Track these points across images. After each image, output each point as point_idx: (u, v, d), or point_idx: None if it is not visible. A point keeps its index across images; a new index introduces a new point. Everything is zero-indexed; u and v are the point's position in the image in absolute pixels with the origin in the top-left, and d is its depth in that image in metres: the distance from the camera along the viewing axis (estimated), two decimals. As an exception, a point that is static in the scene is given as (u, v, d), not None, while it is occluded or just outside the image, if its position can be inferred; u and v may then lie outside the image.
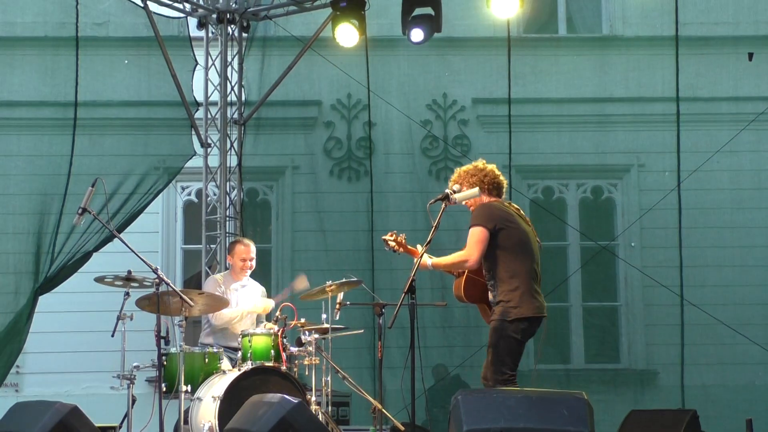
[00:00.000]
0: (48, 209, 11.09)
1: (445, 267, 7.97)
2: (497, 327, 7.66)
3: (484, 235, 7.65)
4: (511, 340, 7.62)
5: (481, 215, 7.74)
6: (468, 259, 7.70)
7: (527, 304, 7.64)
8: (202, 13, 12.36)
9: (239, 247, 9.92)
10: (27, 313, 10.87)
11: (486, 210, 7.79)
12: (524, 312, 7.62)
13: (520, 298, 7.62)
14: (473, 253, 7.66)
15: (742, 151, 12.92)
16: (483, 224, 7.67)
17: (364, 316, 9.01)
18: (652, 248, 13.13)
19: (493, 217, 7.73)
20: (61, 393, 12.10)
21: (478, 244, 7.65)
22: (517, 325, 7.62)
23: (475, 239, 7.67)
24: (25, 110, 11.82)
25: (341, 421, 10.50)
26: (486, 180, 7.94)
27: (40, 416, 7.67)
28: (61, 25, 11.47)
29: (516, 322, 7.61)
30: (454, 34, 12.74)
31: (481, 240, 7.64)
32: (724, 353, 12.52)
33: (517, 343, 7.66)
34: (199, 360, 8.80)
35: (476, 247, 7.65)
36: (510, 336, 7.61)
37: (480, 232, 7.66)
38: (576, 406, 6.55)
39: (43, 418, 7.63)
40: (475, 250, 7.65)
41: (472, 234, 7.69)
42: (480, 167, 8.00)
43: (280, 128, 13.30)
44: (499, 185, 8.00)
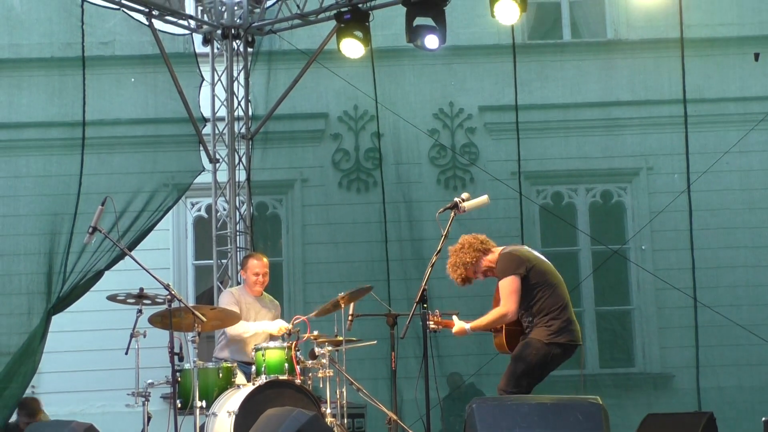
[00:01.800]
0: (59, 229, 11.10)
1: (486, 327, 7.99)
2: (529, 343, 7.67)
3: (516, 284, 7.69)
4: (538, 360, 7.64)
5: (508, 264, 7.78)
6: (507, 313, 7.72)
7: (566, 331, 7.71)
8: (207, 30, 12.40)
9: (252, 261, 9.92)
10: (40, 333, 10.88)
11: (510, 257, 7.83)
12: (562, 339, 7.67)
13: (561, 325, 7.69)
14: (510, 305, 7.69)
15: (751, 151, 12.90)
16: (513, 272, 7.71)
17: (379, 327, 8.98)
18: (663, 251, 13.11)
19: (520, 261, 7.78)
20: (77, 412, 12.11)
21: (512, 295, 7.68)
22: (550, 349, 7.65)
23: (509, 290, 7.70)
24: (34, 131, 11.85)
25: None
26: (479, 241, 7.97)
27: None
28: (67, 45, 11.51)
29: (551, 346, 7.65)
30: (458, 42, 12.74)
31: (515, 290, 7.69)
32: (739, 354, 12.48)
33: (543, 366, 7.69)
34: (214, 375, 8.79)
35: (511, 298, 7.69)
36: (539, 356, 7.62)
37: (512, 281, 7.70)
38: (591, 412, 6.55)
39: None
40: (511, 301, 7.69)
41: (505, 285, 7.72)
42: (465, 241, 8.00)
43: (288, 141, 13.32)
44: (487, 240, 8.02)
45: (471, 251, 7.91)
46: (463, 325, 7.87)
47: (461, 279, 8.00)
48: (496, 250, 7.99)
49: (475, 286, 8.21)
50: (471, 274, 7.98)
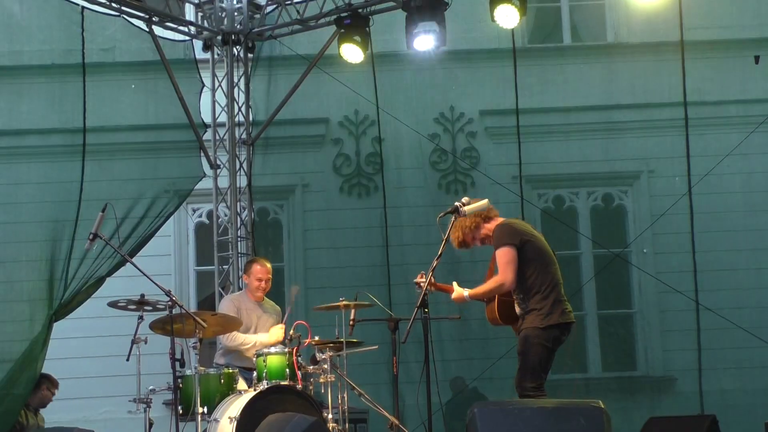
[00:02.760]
0: (60, 236, 11.08)
1: (483, 295, 7.99)
2: (529, 335, 7.70)
3: (513, 254, 7.70)
4: (542, 347, 7.67)
5: (504, 234, 7.79)
6: (504, 282, 7.73)
7: (558, 311, 7.72)
8: (207, 36, 12.41)
9: (255, 266, 9.93)
10: (42, 340, 10.86)
11: (506, 229, 7.84)
12: (556, 319, 7.70)
13: (552, 306, 7.71)
14: (508, 274, 7.70)
15: (752, 153, 12.90)
16: (509, 243, 7.72)
17: (381, 332, 8.99)
18: (664, 254, 13.11)
19: (516, 232, 7.79)
20: (79, 419, 12.11)
21: (509, 264, 7.69)
22: (549, 333, 7.68)
23: (506, 260, 7.71)
24: (35, 138, 11.84)
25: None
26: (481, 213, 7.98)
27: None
28: (68, 52, 11.50)
29: (549, 329, 7.68)
30: (459, 47, 12.75)
31: (511, 260, 7.69)
32: (742, 357, 12.47)
33: (548, 351, 7.72)
34: (215, 381, 8.78)
35: (509, 267, 7.69)
36: (541, 344, 7.67)
37: (508, 251, 7.70)
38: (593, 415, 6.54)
39: (61, 444, 7.64)
40: (508, 270, 7.69)
41: (501, 255, 7.73)
42: None
43: (289, 147, 13.34)
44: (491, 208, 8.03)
45: (472, 216, 7.91)
46: (462, 291, 7.87)
47: (458, 242, 8.00)
48: (497, 220, 8.00)
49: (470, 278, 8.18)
50: (469, 239, 7.99)
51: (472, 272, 8.15)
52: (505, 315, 8.01)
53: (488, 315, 8.17)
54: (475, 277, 8.37)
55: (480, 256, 8.05)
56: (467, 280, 8.16)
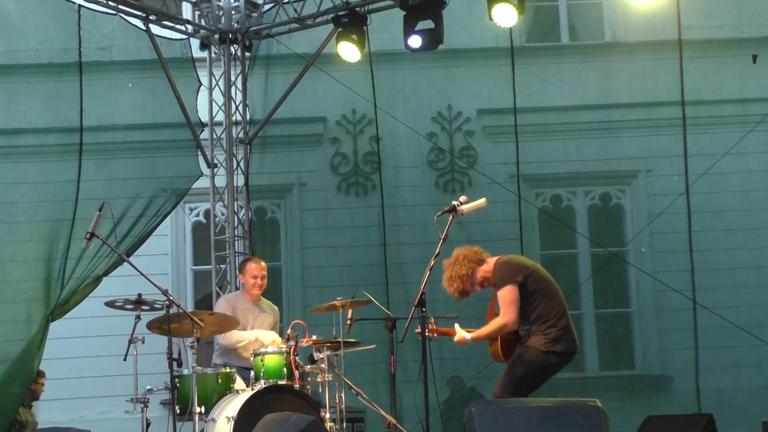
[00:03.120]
0: (57, 235, 11.07)
1: (486, 337, 7.97)
2: (526, 351, 7.67)
3: (515, 294, 7.67)
4: (535, 367, 7.64)
5: (505, 273, 7.77)
6: (507, 323, 7.71)
7: (564, 340, 7.70)
8: (205, 34, 12.40)
9: (250, 264, 9.91)
10: (39, 339, 10.84)
11: (507, 266, 7.82)
12: (559, 347, 7.66)
13: (558, 333, 7.68)
14: (510, 315, 7.67)
15: (750, 152, 12.90)
16: (511, 281, 7.70)
17: (379, 331, 8.98)
18: (662, 253, 13.10)
19: (517, 269, 7.78)
20: (76, 419, 12.11)
21: (512, 305, 7.67)
22: (547, 357, 7.65)
23: (508, 300, 7.68)
24: (31, 137, 11.81)
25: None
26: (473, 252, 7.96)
27: (55, 443, 7.66)
28: (65, 51, 11.48)
29: (548, 354, 7.64)
30: (456, 45, 12.74)
31: (514, 299, 7.67)
32: (739, 356, 12.47)
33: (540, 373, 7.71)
34: (212, 381, 8.77)
35: (511, 308, 7.67)
36: (536, 363, 7.62)
37: (510, 291, 7.68)
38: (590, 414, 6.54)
39: (58, 444, 7.62)
40: (511, 311, 7.67)
41: (503, 296, 7.70)
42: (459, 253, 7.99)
43: (286, 146, 13.32)
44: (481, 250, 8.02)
45: (466, 263, 7.89)
46: (465, 335, 7.87)
47: (458, 292, 7.97)
48: (491, 260, 7.97)
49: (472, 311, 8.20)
50: (468, 286, 7.96)
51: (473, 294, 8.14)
52: (508, 353, 7.97)
53: (491, 352, 8.14)
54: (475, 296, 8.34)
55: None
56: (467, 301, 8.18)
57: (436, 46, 11.15)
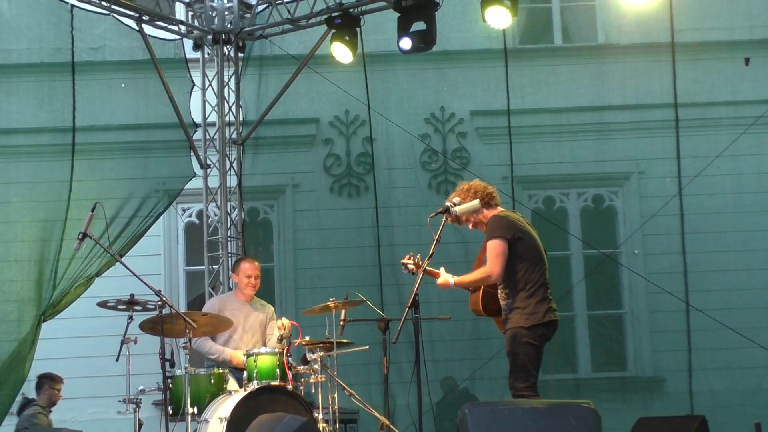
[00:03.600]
0: (49, 235, 11.06)
1: (468, 284, 7.97)
2: (515, 334, 7.70)
3: (503, 247, 7.67)
4: (529, 346, 7.67)
5: (498, 227, 7.76)
6: (491, 274, 7.72)
7: (542, 310, 7.71)
8: (198, 35, 12.38)
9: (243, 264, 9.90)
10: (31, 340, 10.84)
11: (502, 221, 7.81)
12: (540, 318, 7.69)
13: (536, 305, 7.69)
14: (495, 267, 7.68)
15: (742, 155, 12.91)
16: (501, 236, 7.70)
17: (373, 332, 8.97)
18: (654, 255, 13.12)
19: (510, 227, 7.77)
20: (67, 419, 12.07)
21: (498, 257, 7.67)
22: (534, 331, 7.67)
23: (496, 252, 7.68)
24: (24, 137, 11.80)
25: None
26: (485, 192, 7.96)
27: (47, 443, 7.64)
28: (57, 51, 11.47)
29: (534, 329, 7.67)
30: (450, 47, 12.75)
31: (501, 252, 7.67)
32: (731, 358, 12.49)
33: (536, 349, 7.72)
34: (205, 381, 8.75)
35: (497, 260, 7.67)
36: (528, 342, 7.66)
37: (499, 244, 7.68)
38: (584, 415, 6.53)
39: (50, 444, 7.61)
40: (496, 263, 7.67)
41: (492, 247, 7.71)
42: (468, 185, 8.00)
43: (279, 147, 13.32)
44: (494, 195, 8.03)
45: (473, 197, 7.89)
46: (448, 278, 7.86)
47: (451, 218, 7.97)
48: (497, 209, 7.96)
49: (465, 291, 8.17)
50: (463, 217, 7.97)
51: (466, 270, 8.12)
52: (488, 307, 7.99)
53: (471, 305, 8.15)
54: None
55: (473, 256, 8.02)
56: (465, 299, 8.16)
57: (430, 48, 11.16)
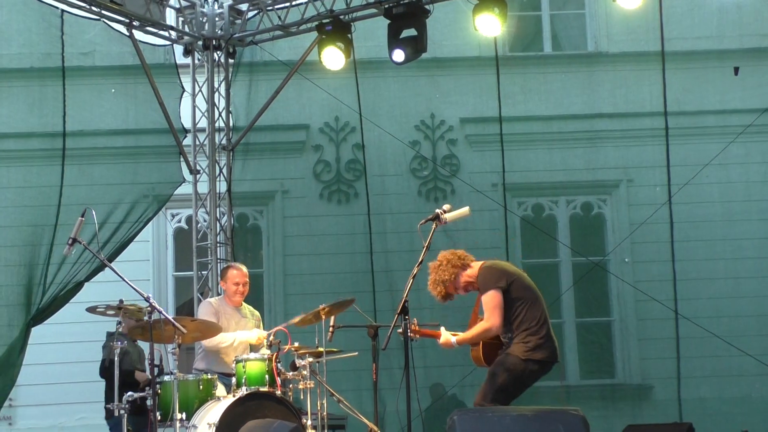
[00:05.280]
0: (39, 240, 11.05)
1: (471, 341, 7.98)
2: (506, 360, 7.69)
3: (499, 298, 7.71)
4: (516, 375, 7.66)
5: (489, 278, 7.80)
6: (491, 327, 7.74)
7: (544, 348, 7.73)
8: (188, 41, 12.38)
9: (232, 271, 9.88)
10: (20, 345, 10.82)
11: (491, 271, 7.85)
12: (538, 355, 7.69)
13: (538, 342, 7.70)
14: (495, 319, 7.70)
15: (731, 163, 12.94)
16: (494, 286, 7.73)
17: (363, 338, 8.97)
18: (643, 263, 13.13)
19: (502, 274, 7.81)
20: (56, 425, 12.08)
21: (496, 309, 7.70)
22: (527, 365, 7.67)
23: (492, 305, 7.71)
24: (13, 142, 11.80)
25: (338, 444, 10.48)
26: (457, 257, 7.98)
27: (35, 448, 7.62)
28: (47, 56, 11.47)
29: (528, 362, 7.67)
30: (440, 54, 12.78)
31: (498, 304, 7.70)
32: (720, 366, 12.50)
33: (520, 381, 7.73)
34: (194, 387, 8.74)
35: (495, 312, 7.70)
36: (516, 371, 7.65)
37: (494, 295, 7.71)
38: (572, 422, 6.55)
39: (38, 449, 7.58)
40: (495, 315, 7.71)
41: (488, 300, 7.73)
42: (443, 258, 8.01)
43: (269, 153, 13.31)
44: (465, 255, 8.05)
45: (449, 268, 7.92)
46: (449, 337, 7.89)
47: (441, 296, 8.01)
48: (475, 265, 7.99)
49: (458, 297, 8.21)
50: (451, 290, 8.00)
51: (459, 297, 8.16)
52: (490, 358, 8.00)
53: (473, 357, 8.17)
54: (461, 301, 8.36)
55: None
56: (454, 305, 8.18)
57: (420, 55, 11.19)
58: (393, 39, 11.12)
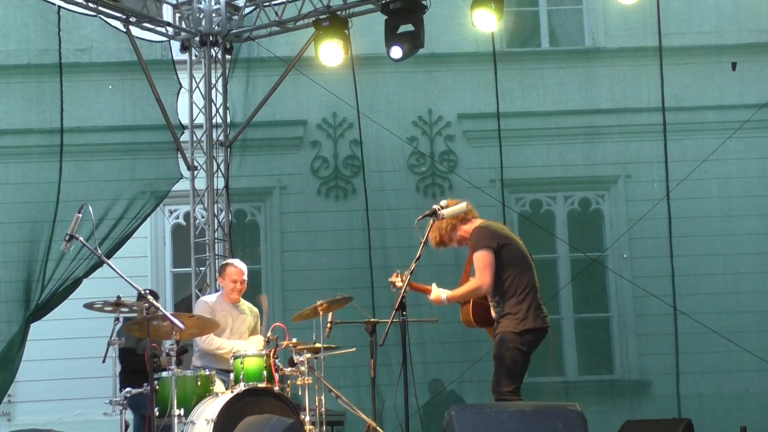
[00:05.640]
0: (37, 237, 11.05)
1: (460, 298, 7.98)
2: (503, 339, 7.71)
3: (490, 258, 7.70)
4: (517, 351, 7.68)
5: (482, 238, 7.79)
6: (481, 285, 7.74)
7: (534, 316, 7.72)
8: (185, 37, 12.36)
9: (230, 268, 9.86)
10: (19, 341, 10.82)
11: (484, 232, 7.84)
12: (531, 324, 7.70)
13: (527, 311, 7.70)
14: (485, 277, 7.70)
15: (729, 159, 12.96)
16: (486, 246, 7.72)
17: (362, 334, 8.98)
18: (641, 258, 13.14)
19: (494, 236, 7.80)
20: (54, 420, 12.06)
21: (487, 268, 7.70)
22: (524, 337, 7.68)
23: (483, 263, 7.71)
24: (11, 138, 11.79)
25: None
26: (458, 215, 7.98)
27: (33, 444, 7.62)
28: (44, 52, 11.46)
29: (523, 334, 7.68)
30: (437, 50, 12.78)
31: (489, 263, 7.70)
32: (718, 361, 12.52)
33: (523, 355, 7.73)
34: (192, 383, 8.73)
35: (486, 271, 7.70)
36: (516, 348, 7.67)
37: (485, 255, 7.71)
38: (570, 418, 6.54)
39: (36, 446, 7.58)
40: (486, 274, 7.70)
41: (479, 259, 7.73)
42: None
43: (267, 149, 13.31)
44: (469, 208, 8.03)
45: (448, 218, 7.92)
46: (440, 294, 7.88)
47: (435, 242, 8.01)
48: (475, 222, 7.99)
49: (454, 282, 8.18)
50: (446, 239, 8.01)
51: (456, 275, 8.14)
52: (479, 318, 8.03)
53: (463, 317, 8.17)
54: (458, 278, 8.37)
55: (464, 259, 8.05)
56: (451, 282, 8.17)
57: (417, 51, 11.18)
58: (390, 35, 11.11)
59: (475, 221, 8.01)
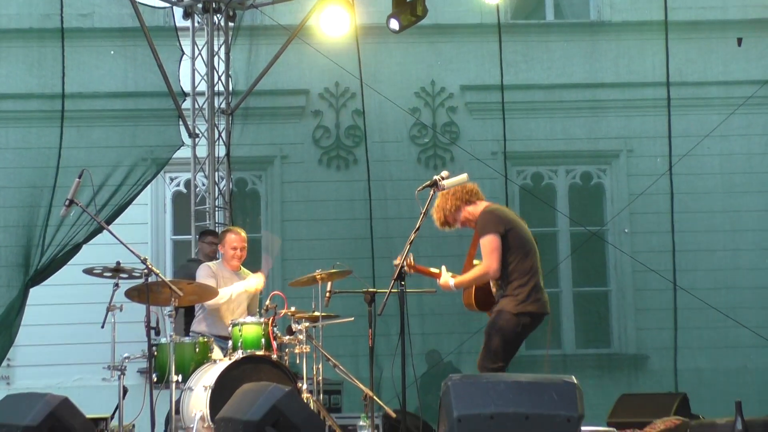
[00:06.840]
0: (37, 202, 11.05)
1: (468, 284, 7.97)
2: (499, 317, 7.70)
3: (497, 242, 7.69)
4: (510, 332, 7.67)
5: (489, 222, 7.78)
6: (488, 270, 7.73)
7: (534, 300, 7.72)
8: (188, 3, 12.32)
9: (230, 236, 9.86)
10: (18, 306, 10.84)
11: (490, 216, 7.83)
12: (530, 308, 7.69)
13: (528, 294, 7.70)
14: (492, 262, 7.69)
15: (732, 135, 12.93)
16: (494, 231, 7.71)
17: (360, 304, 8.99)
18: (641, 233, 13.14)
19: (501, 220, 7.78)
20: (52, 385, 12.07)
21: (493, 253, 7.69)
22: (519, 319, 7.67)
23: (490, 248, 7.70)
24: (12, 102, 11.77)
25: (333, 409, 10.50)
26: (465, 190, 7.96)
27: (31, 408, 7.61)
28: (46, 17, 11.42)
29: (520, 316, 7.67)
30: (442, 21, 12.73)
31: (496, 247, 7.69)
32: (716, 337, 12.54)
33: (516, 336, 7.73)
34: (190, 350, 8.77)
35: (492, 256, 7.69)
36: (510, 328, 7.66)
37: (493, 239, 7.69)
38: (566, 390, 6.53)
39: (34, 409, 7.57)
40: (492, 259, 7.69)
41: (486, 243, 7.72)
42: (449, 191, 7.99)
43: (269, 117, 13.27)
44: (475, 191, 8.02)
45: (453, 199, 7.91)
46: (449, 280, 7.87)
47: (440, 222, 8.01)
48: (480, 204, 7.97)
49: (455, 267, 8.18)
50: (450, 220, 8.00)
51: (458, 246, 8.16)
52: (481, 302, 8.02)
53: (465, 300, 8.17)
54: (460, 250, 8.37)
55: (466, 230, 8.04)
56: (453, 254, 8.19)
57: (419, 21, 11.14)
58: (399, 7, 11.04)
59: (479, 204, 7.99)
